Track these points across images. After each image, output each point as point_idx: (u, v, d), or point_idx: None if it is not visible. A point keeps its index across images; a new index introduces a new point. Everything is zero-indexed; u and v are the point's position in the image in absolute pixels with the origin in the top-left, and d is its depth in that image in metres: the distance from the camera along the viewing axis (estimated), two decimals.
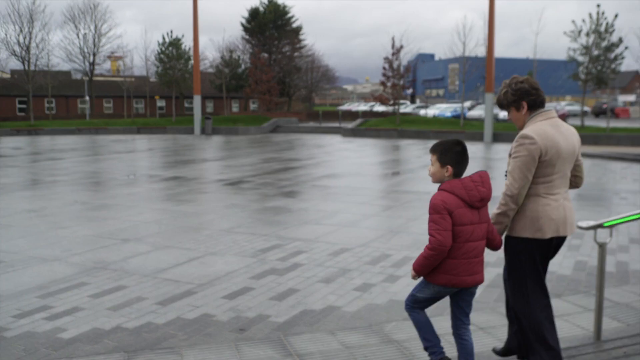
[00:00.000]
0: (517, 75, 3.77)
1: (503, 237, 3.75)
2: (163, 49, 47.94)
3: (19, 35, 50.67)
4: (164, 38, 47.98)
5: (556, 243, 3.72)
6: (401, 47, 37.91)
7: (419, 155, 22.69)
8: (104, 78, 67.84)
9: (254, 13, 64.01)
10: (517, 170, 3.47)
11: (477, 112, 46.00)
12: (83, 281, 6.62)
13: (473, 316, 4.86)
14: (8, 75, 59.06)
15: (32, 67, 49.97)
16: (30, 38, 50.56)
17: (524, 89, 3.58)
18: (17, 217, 10.43)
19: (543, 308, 3.66)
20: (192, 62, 44.48)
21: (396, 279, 6.65)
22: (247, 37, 65.18)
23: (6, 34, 50.76)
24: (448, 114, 49.35)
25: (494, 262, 7.22)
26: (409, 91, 68.94)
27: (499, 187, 4.23)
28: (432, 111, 52.97)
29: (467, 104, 51.99)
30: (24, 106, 56.55)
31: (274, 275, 6.81)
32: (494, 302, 5.84)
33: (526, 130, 3.51)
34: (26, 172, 17.83)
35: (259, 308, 5.75)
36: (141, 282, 6.59)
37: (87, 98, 57.37)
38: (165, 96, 60.03)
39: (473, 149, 25.04)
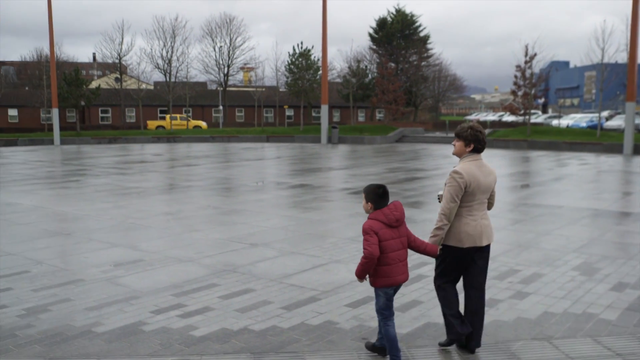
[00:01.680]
0: (480, 125, 4.86)
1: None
2: (293, 59, 49.37)
3: (162, 49, 54.34)
4: (294, 49, 49.42)
5: (478, 251, 4.86)
6: (534, 54, 36.45)
7: (550, 167, 21.65)
8: (236, 88, 70.93)
9: (381, 23, 64.28)
10: (449, 195, 4.67)
11: (616, 122, 43.19)
12: (214, 282, 6.93)
13: (610, 340, 5.10)
14: (151, 87, 63.33)
15: (172, 79, 53.32)
16: (172, 52, 54.06)
17: (479, 138, 4.78)
18: (156, 219, 11.13)
19: (453, 298, 4.97)
20: (320, 72, 45.41)
21: (525, 296, 6.38)
22: (374, 47, 65.55)
23: (151, 49, 54.64)
24: (583, 124, 46.83)
25: (634, 283, 6.76)
26: (541, 100, 66.13)
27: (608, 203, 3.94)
28: (566, 121, 50.50)
29: (605, 113, 49.04)
30: (164, 115, 60.30)
31: None
32: (634, 327, 5.45)
33: (458, 168, 4.74)
34: (164, 177, 19.00)
35: None
36: (268, 286, 6.79)
37: (220, 107, 60.22)
38: (294, 105, 61.70)
39: (611, 162, 23.54)
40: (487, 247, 4.93)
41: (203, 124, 51.98)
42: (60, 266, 7.73)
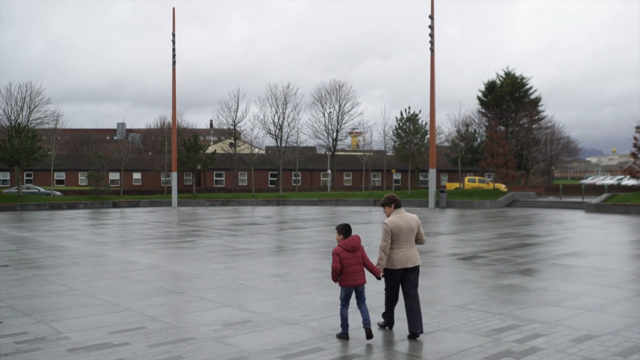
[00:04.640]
0: (390, 194, 7.69)
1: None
2: (401, 124, 49.75)
3: (274, 116, 56.56)
4: (402, 114, 49.87)
5: (408, 271, 7.47)
6: None
7: None
8: (344, 153, 72.12)
9: (490, 86, 63.72)
10: (382, 237, 7.37)
11: None
12: (320, 346, 6.93)
13: None
14: (263, 151, 65.71)
15: (283, 144, 55.12)
16: (284, 118, 56.11)
17: (393, 199, 7.54)
18: (264, 281, 11.36)
19: (392, 301, 7.61)
20: (428, 136, 45.36)
21: None
22: (483, 110, 64.87)
23: (264, 115, 57.04)
24: None
25: None
26: None
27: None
28: None
29: None
30: (274, 179, 62.12)
31: (509, 357, 6.48)
32: None
33: (386, 220, 7.45)
34: (273, 239, 19.43)
35: None
36: (374, 352, 6.70)
37: (329, 171, 61.27)
38: (401, 169, 61.70)
39: None
40: (416, 267, 7.50)
41: (502, 187, 51.32)
42: (174, 323, 8.04)
